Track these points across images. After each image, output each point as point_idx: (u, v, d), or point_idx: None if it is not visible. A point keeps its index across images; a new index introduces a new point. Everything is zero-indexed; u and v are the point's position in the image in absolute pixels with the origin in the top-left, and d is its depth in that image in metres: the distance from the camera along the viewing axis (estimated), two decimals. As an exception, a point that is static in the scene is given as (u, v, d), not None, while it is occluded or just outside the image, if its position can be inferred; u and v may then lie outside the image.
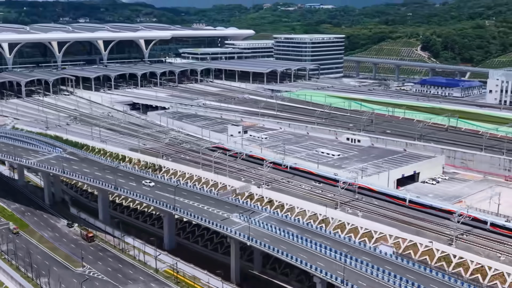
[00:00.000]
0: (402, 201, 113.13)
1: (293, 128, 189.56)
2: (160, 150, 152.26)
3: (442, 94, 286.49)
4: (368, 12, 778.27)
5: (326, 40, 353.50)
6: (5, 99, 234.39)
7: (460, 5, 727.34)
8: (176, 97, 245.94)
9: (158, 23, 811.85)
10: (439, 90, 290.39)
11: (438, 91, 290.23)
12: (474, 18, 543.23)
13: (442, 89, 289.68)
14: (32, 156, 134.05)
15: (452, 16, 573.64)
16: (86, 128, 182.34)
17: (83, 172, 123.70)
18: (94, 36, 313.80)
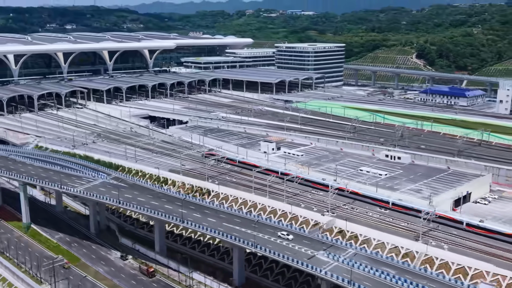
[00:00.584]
0: (385, 203, 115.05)
1: (323, 143, 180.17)
2: (201, 171, 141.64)
3: (447, 103, 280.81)
4: (349, 19, 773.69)
5: (327, 49, 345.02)
6: (18, 114, 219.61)
7: (439, 11, 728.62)
8: (192, 110, 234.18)
9: (147, 30, 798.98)
10: (444, 99, 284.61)
11: (444, 100, 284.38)
12: (457, 26, 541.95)
13: (448, 98, 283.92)
14: (77, 183, 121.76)
15: (436, 23, 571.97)
16: (114, 146, 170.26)
17: (138, 201, 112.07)
18: (100, 46, 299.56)
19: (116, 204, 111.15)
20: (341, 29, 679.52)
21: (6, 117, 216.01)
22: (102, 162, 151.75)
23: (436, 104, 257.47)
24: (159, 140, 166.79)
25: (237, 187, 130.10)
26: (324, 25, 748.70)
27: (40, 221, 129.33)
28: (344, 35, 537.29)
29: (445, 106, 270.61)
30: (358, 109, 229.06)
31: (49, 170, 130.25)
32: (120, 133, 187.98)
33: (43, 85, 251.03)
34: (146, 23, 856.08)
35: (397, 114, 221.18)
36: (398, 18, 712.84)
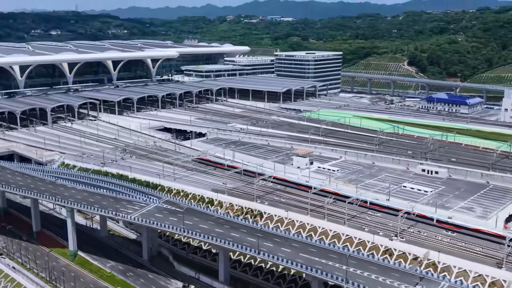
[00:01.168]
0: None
1: (351, 156, 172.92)
2: (244, 189, 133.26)
3: (449, 110, 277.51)
4: (329, 25, 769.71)
5: (325, 57, 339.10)
6: (33, 127, 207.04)
7: (415, 18, 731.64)
8: (207, 121, 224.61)
9: (132, 36, 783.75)
10: (446, 106, 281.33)
11: (445, 107, 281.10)
12: (437, 33, 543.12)
13: (449, 105, 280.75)
14: (130, 209, 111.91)
15: (417, 30, 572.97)
16: (144, 162, 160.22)
17: (202, 229, 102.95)
18: (104, 56, 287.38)
19: (180, 233, 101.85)
20: (324, 35, 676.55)
21: (20, 131, 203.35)
22: (138, 181, 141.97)
23: (448, 113, 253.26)
24: (194, 157, 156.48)
25: (289, 208, 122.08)
26: (305, 31, 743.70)
27: (86, 247, 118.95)
28: (333, 42, 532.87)
29: (447, 114, 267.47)
30: (373, 119, 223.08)
31: (95, 193, 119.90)
32: (146, 148, 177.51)
33: (53, 97, 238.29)
34: (130, 28, 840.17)
35: (409, 123, 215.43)
36: (377, 25, 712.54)
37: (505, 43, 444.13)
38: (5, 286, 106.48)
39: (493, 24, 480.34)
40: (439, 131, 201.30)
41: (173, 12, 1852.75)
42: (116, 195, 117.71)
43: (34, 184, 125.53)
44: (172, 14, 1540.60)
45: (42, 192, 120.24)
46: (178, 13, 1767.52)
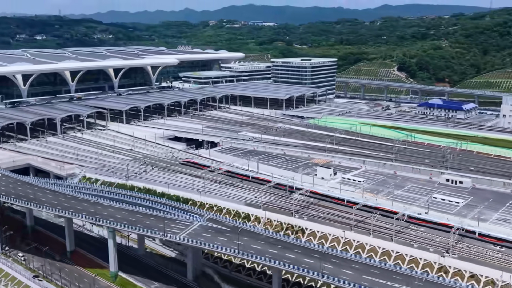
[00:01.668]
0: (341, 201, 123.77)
1: (369, 165, 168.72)
2: (277, 203, 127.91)
3: (445, 116, 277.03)
4: (311, 30, 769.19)
5: (322, 64, 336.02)
6: (44, 138, 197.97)
7: (393, 24, 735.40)
8: (217, 129, 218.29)
9: (118, 41, 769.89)
10: (442, 112, 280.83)
11: (442, 113, 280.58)
12: (419, 39, 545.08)
13: (446, 111, 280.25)
14: (175, 228, 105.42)
15: (398, 36, 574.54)
16: (167, 175, 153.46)
17: (256, 250, 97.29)
18: (106, 64, 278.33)
19: (235, 255, 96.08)
20: (307, 40, 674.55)
21: (31, 142, 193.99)
22: (167, 195, 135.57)
23: (446, 119, 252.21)
24: (223, 170, 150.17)
25: (331, 223, 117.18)
26: (289, 36, 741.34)
27: (126, 267, 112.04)
28: (320, 47, 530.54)
29: (445, 119, 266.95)
30: (383, 126, 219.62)
31: (134, 212, 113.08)
32: (165, 160, 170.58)
33: (60, 106, 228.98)
34: (116, 33, 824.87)
35: (415, 130, 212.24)
36: (357, 30, 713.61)
37: (486, 48, 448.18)
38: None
39: (474, 31, 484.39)
40: (447, 138, 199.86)
41: (152, 16, 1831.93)
42: (158, 213, 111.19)
43: (67, 202, 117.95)
44: (151, 18, 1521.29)
45: (78, 212, 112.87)
46: (157, 17, 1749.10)
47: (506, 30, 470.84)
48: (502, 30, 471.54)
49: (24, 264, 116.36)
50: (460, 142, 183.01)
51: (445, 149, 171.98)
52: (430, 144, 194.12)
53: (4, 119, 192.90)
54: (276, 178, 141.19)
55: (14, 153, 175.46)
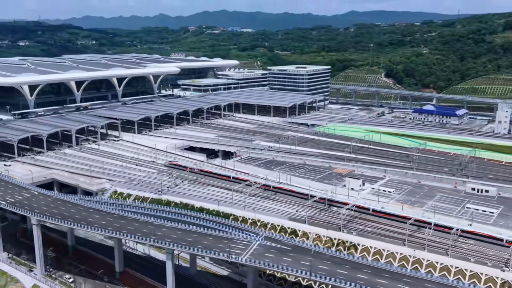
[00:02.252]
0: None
1: (394, 175, 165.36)
2: (319, 217, 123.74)
3: (440, 121, 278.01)
4: (290, 37, 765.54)
5: (317, 71, 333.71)
6: (61, 151, 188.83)
7: (369, 30, 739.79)
8: (230, 139, 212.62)
9: (101, 47, 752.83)
10: (437, 118, 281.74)
11: (436, 119, 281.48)
12: (395, 45, 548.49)
13: (440, 117, 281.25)
14: (236, 248, 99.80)
15: (376, 42, 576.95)
16: (199, 188, 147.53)
17: (324, 271, 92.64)
18: (110, 73, 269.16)
19: (308, 277, 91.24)
20: (287, 47, 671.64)
21: (48, 154, 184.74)
22: (206, 210, 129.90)
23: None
24: (260, 184, 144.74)
25: (380, 238, 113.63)
26: (268, 42, 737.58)
27: (179, 287, 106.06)
28: (305, 54, 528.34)
29: (440, 125, 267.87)
30: (392, 134, 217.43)
31: (189, 231, 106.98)
32: (196, 172, 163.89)
33: (71, 116, 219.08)
34: (99, 39, 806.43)
35: (421, 137, 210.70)
36: (334, 37, 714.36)
37: (463, 55, 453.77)
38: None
39: (450, 38, 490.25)
40: (455, 145, 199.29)
41: (127, 22, 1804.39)
42: (215, 232, 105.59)
43: (116, 222, 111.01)
44: (126, 24, 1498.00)
45: (132, 233, 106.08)
46: (132, 22, 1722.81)
47: (480, 38, 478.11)
48: (476, 38, 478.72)
49: (74, 287, 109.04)
50: (474, 149, 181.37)
51: (464, 157, 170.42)
52: (440, 152, 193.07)
53: (21, 132, 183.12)
54: (314, 191, 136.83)
55: (36, 168, 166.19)
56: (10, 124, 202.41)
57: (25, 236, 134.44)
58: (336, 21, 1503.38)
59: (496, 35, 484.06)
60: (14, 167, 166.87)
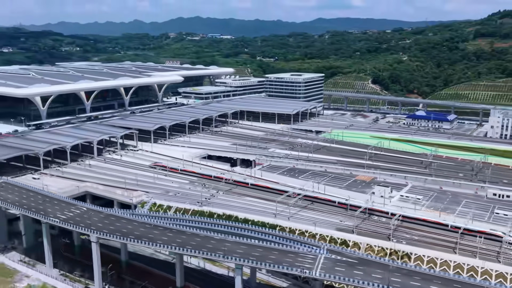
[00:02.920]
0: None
1: (414, 181, 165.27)
2: (370, 228, 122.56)
3: (433, 127, 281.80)
4: (270, 44, 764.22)
5: (312, 79, 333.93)
6: (84, 161, 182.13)
7: (344, 38, 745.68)
8: (243, 146, 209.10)
9: (86, 54, 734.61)
10: (429, 123, 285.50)
11: (429, 124, 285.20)
12: (372, 52, 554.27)
13: (432, 122, 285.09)
14: (304, 262, 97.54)
15: (354, 49, 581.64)
16: (236, 199, 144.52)
17: (399, 284, 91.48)
18: (118, 83, 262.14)
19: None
20: (268, 53, 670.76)
21: (73, 166, 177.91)
22: (251, 221, 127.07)
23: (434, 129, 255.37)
24: (302, 195, 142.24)
25: (431, 246, 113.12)
26: (249, 49, 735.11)
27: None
28: (291, 61, 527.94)
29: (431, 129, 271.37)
30: (401, 140, 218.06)
31: (254, 245, 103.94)
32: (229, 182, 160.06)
33: (88, 127, 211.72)
34: (83, 46, 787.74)
35: (425, 143, 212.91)
36: (312, 44, 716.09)
37: (439, 62, 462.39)
38: None
39: (426, 46, 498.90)
40: (465, 151, 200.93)
41: (102, 28, 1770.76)
42: (280, 246, 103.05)
43: (177, 237, 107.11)
44: (102, 30, 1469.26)
45: (196, 248, 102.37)
46: (107, 28, 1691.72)
47: (454, 45, 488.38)
48: (450, 45, 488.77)
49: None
50: (485, 156, 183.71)
51: (478, 163, 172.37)
52: (448, 157, 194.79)
53: (46, 144, 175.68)
54: (353, 201, 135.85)
55: (66, 180, 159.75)
56: (30, 135, 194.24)
57: (70, 251, 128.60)
58: (305, 27, 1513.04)
59: (468, 42, 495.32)
60: (43, 180, 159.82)
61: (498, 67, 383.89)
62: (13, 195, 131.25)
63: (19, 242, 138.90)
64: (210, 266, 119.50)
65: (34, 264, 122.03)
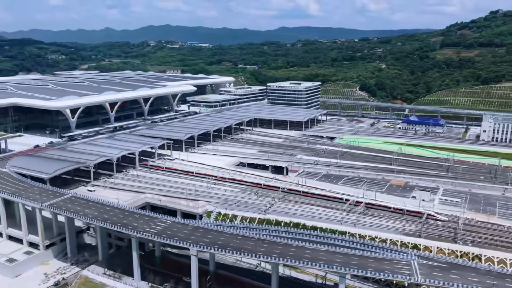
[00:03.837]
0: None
1: (444, 184, 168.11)
2: (435, 232, 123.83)
3: (426, 131, 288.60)
4: (246, 52, 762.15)
5: (311, 87, 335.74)
6: (129, 172, 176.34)
7: (317, 46, 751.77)
8: (267, 153, 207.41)
9: (72, 61, 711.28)
10: (423, 127, 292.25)
11: (422, 128, 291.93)
12: (349, 60, 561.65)
13: (426, 127, 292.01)
14: (404, 269, 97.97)
15: (333, 58, 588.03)
16: (295, 206, 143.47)
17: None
18: (139, 94, 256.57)
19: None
20: (249, 61, 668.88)
21: (122, 177, 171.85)
22: (320, 228, 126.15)
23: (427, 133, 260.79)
24: (363, 203, 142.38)
25: (496, 247, 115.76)
26: (229, 57, 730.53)
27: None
28: (282, 70, 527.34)
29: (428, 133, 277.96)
30: (414, 145, 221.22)
31: (350, 255, 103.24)
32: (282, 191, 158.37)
33: (128, 138, 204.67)
34: (68, 54, 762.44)
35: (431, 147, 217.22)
36: (289, 52, 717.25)
37: (412, 69, 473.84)
38: None
39: (400, 55, 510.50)
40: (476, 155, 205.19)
41: (74, 35, 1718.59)
42: (373, 254, 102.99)
43: (271, 248, 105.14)
44: (73, 37, 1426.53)
45: (295, 258, 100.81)
46: (79, 36, 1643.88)
47: (424, 54, 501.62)
48: (421, 54, 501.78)
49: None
50: (499, 159, 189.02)
51: (499, 166, 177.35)
52: (460, 161, 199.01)
53: (95, 156, 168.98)
54: (410, 207, 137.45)
55: (123, 192, 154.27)
56: (70, 147, 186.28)
57: (149, 262, 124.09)
58: (270, 35, 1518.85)
59: (436, 52, 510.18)
60: (99, 192, 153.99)
61: (472, 75, 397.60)
62: (90, 209, 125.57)
63: (89, 255, 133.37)
64: (296, 274, 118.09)
65: (119, 277, 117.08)
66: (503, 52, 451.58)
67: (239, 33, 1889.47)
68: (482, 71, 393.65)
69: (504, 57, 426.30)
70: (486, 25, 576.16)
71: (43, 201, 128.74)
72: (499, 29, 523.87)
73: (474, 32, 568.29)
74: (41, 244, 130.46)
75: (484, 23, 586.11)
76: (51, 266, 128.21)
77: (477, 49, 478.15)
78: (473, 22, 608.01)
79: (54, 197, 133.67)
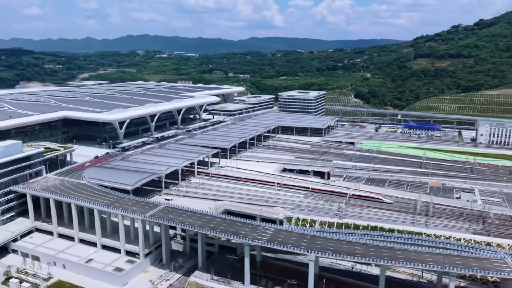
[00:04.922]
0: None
1: (476, 185, 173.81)
2: (496, 230, 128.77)
3: (425, 135, 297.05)
4: (234, 61, 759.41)
5: (318, 96, 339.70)
6: (192, 179, 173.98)
7: (299, 57, 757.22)
8: (303, 158, 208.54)
9: (69, 70, 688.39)
10: (423, 132, 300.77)
11: (422, 133, 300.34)
12: (331, 69, 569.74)
13: (425, 131, 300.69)
14: (499, 266, 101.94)
15: (318, 68, 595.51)
16: (363, 210, 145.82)
17: None
18: (174, 106, 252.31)
19: None
20: (238, 70, 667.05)
21: (186, 185, 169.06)
22: (396, 230, 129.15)
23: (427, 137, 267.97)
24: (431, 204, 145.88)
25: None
26: (217, 66, 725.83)
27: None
28: (282, 79, 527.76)
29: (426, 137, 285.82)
30: (431, 149, 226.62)
31: (453, 256, 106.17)
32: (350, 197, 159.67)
33: (182, 148, 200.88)
34: (65, 63, 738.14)
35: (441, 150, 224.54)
36: (275, 62, 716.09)
37: (393, 78, 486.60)
38: None
39: (381, 65, 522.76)
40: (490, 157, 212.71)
41: (56, 44, 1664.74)
42: (466, 254, 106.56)
43: (380, 252, 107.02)
44: (54, 46, 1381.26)
45: (406, 261, 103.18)
46: (60, 45, 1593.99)
47: (402, 64, 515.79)
48: (399, 64, 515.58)
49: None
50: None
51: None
52: (478, 163, 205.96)
53: (164, 166, 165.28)
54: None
55: (197, 200, 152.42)
56: (133, 158, 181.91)
57: (252, 266, 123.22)
58: (242, 45, 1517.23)
59: (412, 62, 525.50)
60: (175, 201, 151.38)
61: (453, 84, 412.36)
62: (191, 219, 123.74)
63: (183, 261, 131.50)
64: (392, 274, 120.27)
65: (229, 282, 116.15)
66: (471, 63, 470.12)
67: (213, 42, 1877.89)
68: (461, 80, 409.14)
69: (474, 67, 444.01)
70: (450, 37, 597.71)
71: (145, 212, 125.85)
72: (463, 42, 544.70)
73: (440, 44, 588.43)
74: (141, 253, 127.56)
75: (448, 36, 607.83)
76: (151, 273, 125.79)
77: (448, 60, 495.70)
78: (438, 35, 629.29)
79: (149, 208, 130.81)
